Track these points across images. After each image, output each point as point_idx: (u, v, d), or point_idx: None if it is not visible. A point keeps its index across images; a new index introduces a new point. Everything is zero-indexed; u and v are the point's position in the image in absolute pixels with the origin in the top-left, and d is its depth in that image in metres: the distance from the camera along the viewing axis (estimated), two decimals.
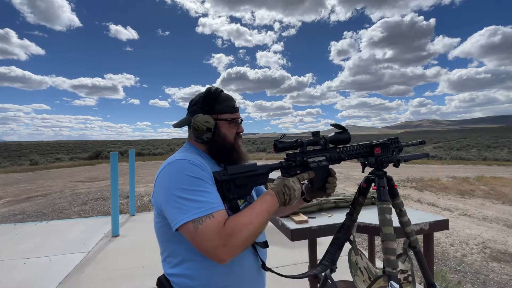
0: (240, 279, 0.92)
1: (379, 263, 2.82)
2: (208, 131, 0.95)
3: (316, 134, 1.02)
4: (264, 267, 0.99)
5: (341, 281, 1.78)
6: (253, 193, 1.09)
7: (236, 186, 0.90)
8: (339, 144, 1.07)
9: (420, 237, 1.68)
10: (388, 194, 1.10)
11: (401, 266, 1.14)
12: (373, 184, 1.15)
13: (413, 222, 1.50)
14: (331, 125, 1.07)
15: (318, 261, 1.22)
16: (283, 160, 0.99)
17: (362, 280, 1.25)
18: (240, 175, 0.90)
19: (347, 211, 1.24)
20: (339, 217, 1.88)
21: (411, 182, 9.43)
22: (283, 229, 1.81)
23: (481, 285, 2.90)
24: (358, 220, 1.58)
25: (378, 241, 3.06)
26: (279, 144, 0.93)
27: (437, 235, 4.33)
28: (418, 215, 1.89)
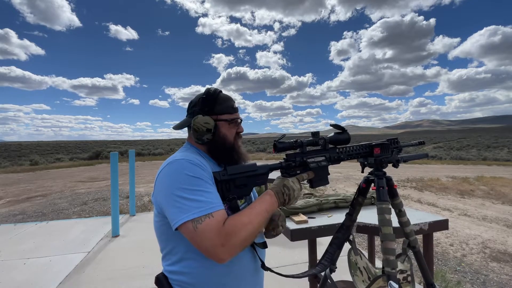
0: (239, 279, 0.92)
1: (378, 263, 2.82)
2: (208, 132, 0.95)
3: (315, 134, 1.03)
4: (264, 266, 0.99)
5: (340, 281, 1.78)
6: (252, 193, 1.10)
7: (236, 186, 0.90)
8: (339, 144, 1.07)
9: (419, 237, 1.68)
10: (388, 194, 1.10)
11: (400, 266, 1.15)
12: (372, 184, 1.16)
13: (412, 222, 1.51)
14: (331, 125, 1.07)
15: (317, 261, 1.23)
16: (282, 160, 0.99)
17: (361, 280, 1.26)
18: (240, 175, 0.91)
19: (347, 211, 1.25)
20: (339, 217, 1.88)
21: (411, 182, 9.43)
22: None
23: (481, 285, 2.91)
24: (357, 220, 1.58)
25: (378, 241, 3.06)
26: (279, 144, 0.94)
27: (437, 235, 4.33)
28: (417, 215, 1.89)
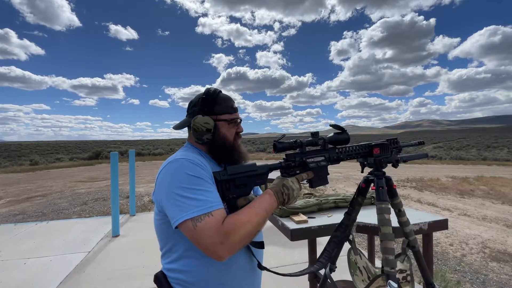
0: (237, 278, 0.93)
1: (378, 263, 2.83)
2: (208, 132, 0.96)
3: (315, 134, 1.03)
4: (260, 266, 0.99)
5: (340, 280, 1.78)
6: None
7: (236, 186, 0.91)
8: (338, 144, 1.08)
9: (419, 237, 1.69)
10: (387, 194, 1.11)
11: (400, 266, 1.15)
12: (372, 184, 1.16)
13: (412, 222, 1.51)
14: (330, 125, 1.07)
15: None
16: (282, 160, 1.00)
17: (361, 279, 1.26)
18: (239, 175, 0.92)
19: (347, 211, 1.25)
20: (338, 217, 1.88)
21: (411, 182, 9.43)
22: (283, 229, 1.81)
23: (481, 285, 2.91)
24: (357, 220, 1.59)
25: (377, 241, 3.06)
26: (279, 144, 0.94)
27: (436, 235, 4.33)
28: (417, 215, 1.89)
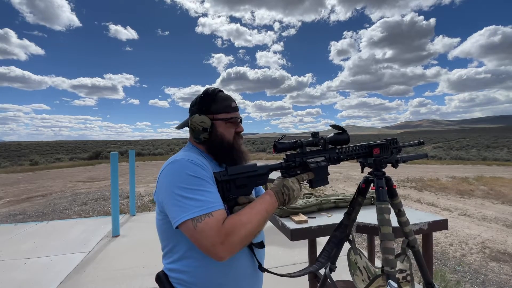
0: (238, 279, 0.93)
1: (378, 263, 2.83)
2: (204, 131, 0.97)
3: (315, 135, 1.03)
4: (261, 268, 0.99)
5: (340, 280, 1.79)
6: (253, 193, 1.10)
7: (237, 187, 0.91)
8: (338, 144, 1.08)
9: (419, 237, 1.69)
10: (387, 194, 1.11)
11: (399, 266, 1.15)
12: (372, 184, 1.16)
13: (412, 222, 1.51)
14: (330, 126, 1.08)
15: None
16: (282, 161, 1.00)
17: (361, 279, 1.26)
18: (240, 176, 0.92)
19: (346, 211, 1.26)
20: (338, 217, 1.88)
21: (411, 182, 9.44)
22: (283, 229, 1.82)
23: (480, 285, 2.91)
24: (357, 220, 1.59)
25: (377, 241, 3.06)
26: (279, 145, 0.95)
27: (436, 235, 4.34)
28: (417, 215, 1.89)
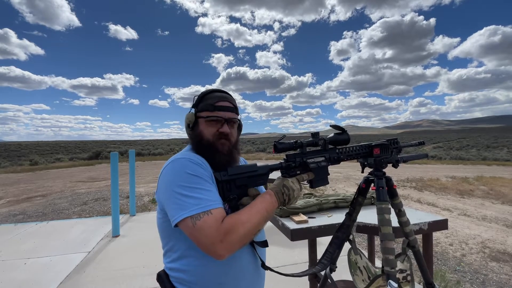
0: (238, 278, 0.93)
1: (378, 263, 2.83)
2: (188, 127, 1.00)
3: (315, 135, 1.03)
4: (264, 266, 1.00)
5: (340, 280, 1.79)
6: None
7: (237, 187, 0.92)
8: (338, 145, 1.08)
9: (419, 237, 1.69)
10: (387, 194, 1.11)
11: (400, 266, 1.15)
12: (372, 185, 1.16)
13: (412, 222, 1.51)
14: (330, 126, 1.08)
15: (317, 261, 1.23)
16: (282, 161, 1.00)
17: (361, 279, 1.26)
18: (240, 176, 0.92)
19: (347, 211, 1.26)
20: (338, 217, 1.89)
21: (411, 182, 9.44)
22: (283, 229, 1.82)
23: (480, 285, 2.91)
24: (357, 220, 1.59)
25: (377, 241, 3.06)
26: (279, 145, 0.95)
27: (436, 235, 4.34)
28: (417, 215, 1.90)
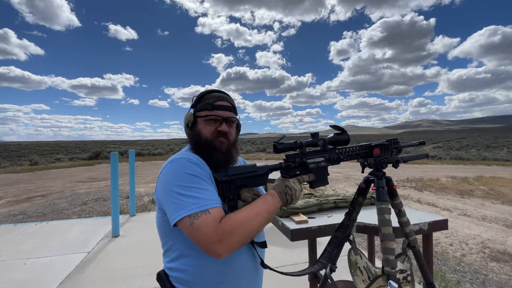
0: (237, 277, 0.93)
1: (378, 263, 2.83)
2: (187, 127, 1.01)
3: (315, 135, 1.03)
4: (263, 264, 1.00)
5: (340, 280, 1.78)
6: None
7: (236, 187, 0.92)
8: (338, 145, 1.08)
9: (419, 237, 1.69)
10: (387, 195, 1.11)
11: (400, 266, 1.15)
12: (372, 185, 1.16)
13: (412, 222, 1.51)
14: (330, 126, 1.08)
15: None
16: (282, 161, 1.00)
17: (361, 279, 1.26)
18: (240, 176, 0.92)
19: (347, 211, 1.25)
20: (338, 217, 1.89)
21: (411, 182, 9.44)
22: (283, 229, 1.82)
23: (480, 285, 2.91)
24: (357, 220, 1.59)
25: (378, 241, 3.06)
26: (279, 145, 0.95)
27: (436, 235, 4.34)
28: (417, 215, 1.89)
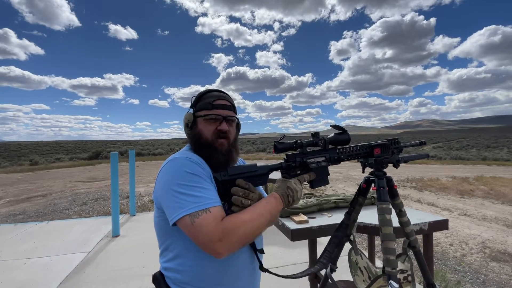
0: (234, 279, 0.92)
1: (379, 263, 2.83)
2: (187, 127, 1.00)
3: (315, 135, 1.03)
4: (262, 268, 0.99)
5: (341, 280, 1.78)
6: None
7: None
8: (339, 145, 1.08)
9: (420, 237, 1.69)
10: (388, 195, 1.11)
11: (400, 266, 1.15)
12: (373, 185, 1.16)
13: (412, 222, 1.51)
14: (331, 126, 1.07)
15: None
16: (283, 161, 0.99)
17: (362, 279, 1.26)
18: (240, 176, 0.92)
19: (347, 211, 1.25)
20: (339, 217, 1.88)
21: (411, 182, 9.43)
22: (284, 229, 1.81)
23: (481, 285, 2.91)
24: (358, 220, 1.59)
25: (378, 241, 3.06)
26: (279, 145, 0.94)
27: (436, 235, 4.33)
28: (417, 215, 1.89)
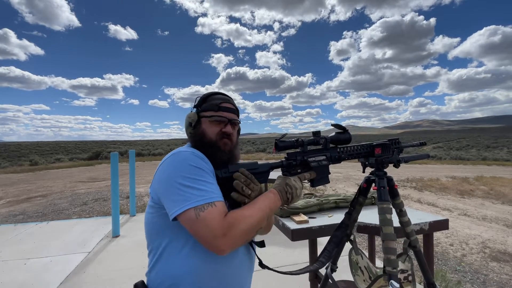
0: (230, 277, 0.90)
1: (379, 263, 2.83)
2: (190, 126, 1.00)
3: (317, 134, 1.03)
4: (261, 264, 0.99)
5: (341, 280, 1.78)
6: None
7: None
8: (340, 144, 1.08)
9: (420, 237, 1.69)
10: (388, 194, 1.11)
11: (401, 266, 1.15)
12: (373, 184, 1.16)
13: (413, 222, 1.51)
14: (332, 125, 1.08)
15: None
16: (283, 159, 1.00)
17: (362, 279, 1.26)
18: None
19: (347, 211, 1.25)
20: (339, 217, 1.88)
21: (411, 182, 9.44)
22: (284, 229, 1.81)
23: (481, 285, 2.91)
24: (358, 220, 1.58)
25: (378, 241, 3.07)
26: (280, 143, 0.95)
27: (437, 235, 4.33)
28: (418, 215, 1.89)
